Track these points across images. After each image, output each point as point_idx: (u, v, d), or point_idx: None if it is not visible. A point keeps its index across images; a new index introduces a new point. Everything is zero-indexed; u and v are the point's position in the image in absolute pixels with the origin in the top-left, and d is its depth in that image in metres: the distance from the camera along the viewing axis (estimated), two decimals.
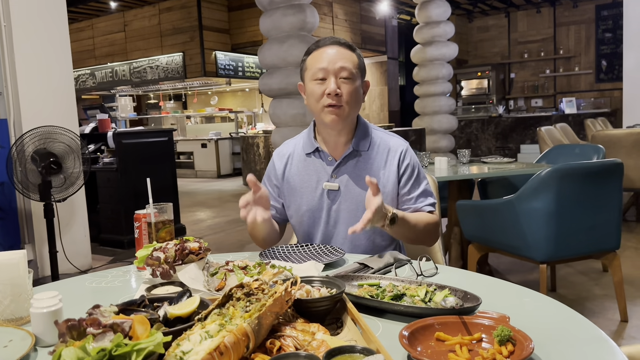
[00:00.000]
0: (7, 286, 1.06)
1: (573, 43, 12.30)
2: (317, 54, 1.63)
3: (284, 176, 1.77)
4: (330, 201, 1.69)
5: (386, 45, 12.77)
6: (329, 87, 1.58)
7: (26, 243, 4.17)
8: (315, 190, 1.71)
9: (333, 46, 1.63)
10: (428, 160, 3.73)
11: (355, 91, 1.62)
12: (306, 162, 1.74)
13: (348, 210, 1.67)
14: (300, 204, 1.73)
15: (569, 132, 7.16)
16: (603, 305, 3.12)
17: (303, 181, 1.73)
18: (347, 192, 1.67)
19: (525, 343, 0.81)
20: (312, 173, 1.72)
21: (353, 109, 1.63)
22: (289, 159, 1.78)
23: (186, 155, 12.38)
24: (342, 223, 1.68)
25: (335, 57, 1.60)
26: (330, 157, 1.70)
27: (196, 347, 0.75)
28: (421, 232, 1.61)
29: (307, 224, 1.73)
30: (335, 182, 1.68)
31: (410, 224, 1.54)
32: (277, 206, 1.79)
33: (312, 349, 0.82)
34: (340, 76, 1.59)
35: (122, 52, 12.36)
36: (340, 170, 1.69)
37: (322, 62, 1.60)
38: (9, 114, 4.04)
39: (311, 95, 1.64)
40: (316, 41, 1.68)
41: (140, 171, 5.28)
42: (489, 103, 12.58)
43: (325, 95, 1.59)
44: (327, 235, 1.70)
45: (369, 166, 1.68)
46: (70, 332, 0.74)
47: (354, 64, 1.62)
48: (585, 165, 2.74)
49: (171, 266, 1.22)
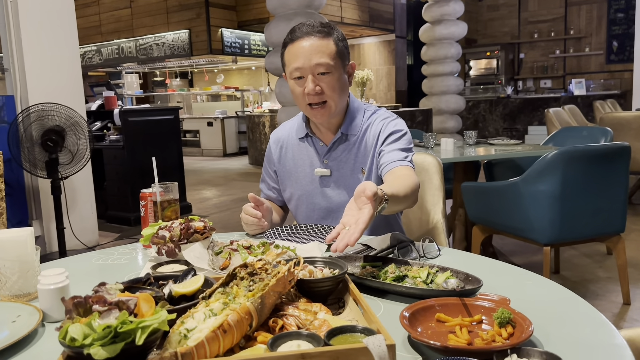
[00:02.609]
0: (15, 263, 1.08)
1: (584, 23, 12.10)
2: (292, 50, 1.56)
3: (279, 160, 1.78)
4: (323, 186, 1.69)
5: (394, 23, 12.62)
6: (307, 86, 1.53)
7: (34, 219, 4.21)
8: (308, 176, 1.71)
9: (308, 38, 1.54)
10: (434, 141, 3.72)
11: (337, 83, 1.56)
12: (299, 147, 1.73)
13: (342, 195, 1.66)
14: (295, 188, 1.74)
15: (577, 114, 7.10)
16: (606, 288, 3.13)
17: (297, 166, 1.73)
18: (339, 177, 1.67)
19: (525, 325, 0.82)
20: (305, 158, 1.72)
21: (338, 101, 1.58)
22: (283, 143, 1.78)
23: (192, 133, 12.38)
24: (337, 208, 1.67)
25: (310, 52, 1.52)
26: (321, 142, 1.69)
27: (200, 324, 0.76)
28: (409, 200, 1.44)
29: (303, 209, 1.74)
30: (327, 168, 1.68)
31: (400, 197, 1.35)
32: (278, 188, 1.80)
33: (314, 328, 0.83)
34: (317, 72, 1.53)
35: (128, 28, 12.29)
36: (331, 155, 1.67)
37: (298, 61, 1.53)
38: (15, 90, 4.05)
39: (293, 92, 1.61)
40: (290, 31, 1.59)
41: (146, 149, 5.30)
42: (498, 83, 12.46)
43: (306, 95, 1.55)
44: (325, 221, 1.70)
45: (359, 149, 1.66)
46: (76, 309, 0.75)
47: (331, 55, 1.54)
48: (592, 148, 2.72)
49: (176, 245, 1.23)
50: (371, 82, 10.82)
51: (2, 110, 3.96)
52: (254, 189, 1.95)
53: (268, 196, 1.85)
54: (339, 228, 1.09)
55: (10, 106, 4.00)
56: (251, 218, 1.53)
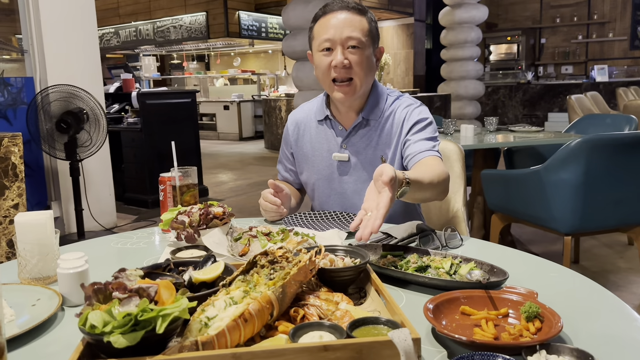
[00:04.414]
0: (35, 246, 1.07)
1: (608, 8, 11.82)
2: (324, 22, 1.53)
3: (296, 143, 1.74)
4: (340, 172, 1.65)
5: (414, 6, 12.43)
6: (336, 58, 1.50)
7: (53, 200, 4.25)
8: (326, 160, 1.67)
9: (341, 12, 1.52)
10: (454, 127, 3.66)
11: (366, 60, 1.53)
12: (318, 130, 1.70)
13: (360, 182, 1.62)
14: (312, 172, 1.71)
15: (600, 101, 6.96)
16: (628, 279, 3.08)
17: (314, 149, 1.70)
18: (357, 164, 1.62)
19: (554, 320, 0.80)
20: (323, 141, 1.68)
21: (364, 79, 1.54)
22: (301, 125, 1.74)
23: (208, 117, 12.40)
24: (354, 195, 1.64)
25: (343, 24, 1.50)
26: (341, 126, 1.65)
27: (221, 313, 0.75)
28: (436, 189, 1.39)
29: (320, 193, 1.71)
30: (345, 153, 1.63)
31: (424, 184, 1.31)
32: (295, 170, 1.78)
33: (336, 318, 0.82)
34: (348, 45, 1.50)
35: (146, 10, 12.29)
36: (350, 140, 1.63)
37: (328, 32, 1.50)
38: (35, 72, 4.07)
39: (319, 66, 1.56)
40: (323, 6, 1.57)
41: (163, 132, 5.31)
42: (518, 69, 12.26)
43: (333, 68, 1.51)
44: (341, 208, 1.67)
45: (379, 136, 1.61)
46: (96, 296, 0.74)
47: (363, 31, 1.51)
48: (617, 137, 2.65)
49: (195, 230, 1.22)
50: (389, 66, 10.69)
51: (22, 91, 3.98)
52: (269, 173, 1.93)
53: (285, 178, 1.82)
54: (361, 214, 1.08)
55: (30, 88, 4.01)
56: (270, 205, 1.52)
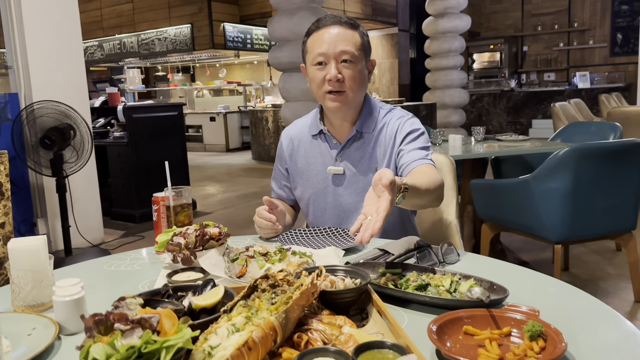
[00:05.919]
0: (29, 272, 1.05)
1: (588, 15, 12.02)
2: (317, 36, 1.56)
3: (291, 158, 1.75)
4: (335, 186, 1.66)
5: (397, 17, 12.55)
6: (330, 72, 1.52)
7: (39, 217, 4.19)
8: (321, 174, 1.68)
9: (334, 27, 1.55)
10: (442, 137, 3.68)
11: (358, 74, 1.56)
12: (312, 145, 1.71)
13: (355, 194, 1.63)
14: (306, 187, 1.71)
15: (584, 107, 7.06)
16: (617, 286, 3.11)
17: (309, 164, 1.71)
18: (353, 176, 1.64)
19: (558, 339, 0.80)
20: (318, 156, 1.69)
21: (357, 93, 1.57)
22: (295, 140, 1.75)
23: (195, 128, 12.35)
24: (349, 208, 1.65)
25: (336, 39, 1.53)
26: (335, 140, 1.66)
27: (224, 341, 0.74)
28: (431, 195, 1.41)
29: (314, 208, 1.71)
30: (340, 166, 1.65)
31: (420, 190, 1.33)
32: (289, 186, 1.78)
33: (340, 343, 0.81)
34: (341, 60, 1.53)
35: (130, 23, 12.23)
36: (344, 153, 1.65)
37: (322, 46, 1.53)
38: (19, 87, 4.02)
39: (312, 80, 1.59)
40: (316, 20, 1.60)
41: (150, 146, 5.26)
42: (501, 77, 12.40)
43: (326, 82, 1.54)
44: (336, 222, 1.67)
45: (374, 148, 1.63)
46: (97, 327, 0.73)
47: (356, 45, 1.54)
48: (604, 145, 2.69)
49: (192, 252, 1.21)
50: (374, 76, 10.78)
51: (6, 108, 3.93)
52: (257, 185, 1.93)
53: (279, 195, 1.82)
54: (360, 219, 1.09)
55: (15, 104, 3.97)
56: (265, 222, 1.51)
